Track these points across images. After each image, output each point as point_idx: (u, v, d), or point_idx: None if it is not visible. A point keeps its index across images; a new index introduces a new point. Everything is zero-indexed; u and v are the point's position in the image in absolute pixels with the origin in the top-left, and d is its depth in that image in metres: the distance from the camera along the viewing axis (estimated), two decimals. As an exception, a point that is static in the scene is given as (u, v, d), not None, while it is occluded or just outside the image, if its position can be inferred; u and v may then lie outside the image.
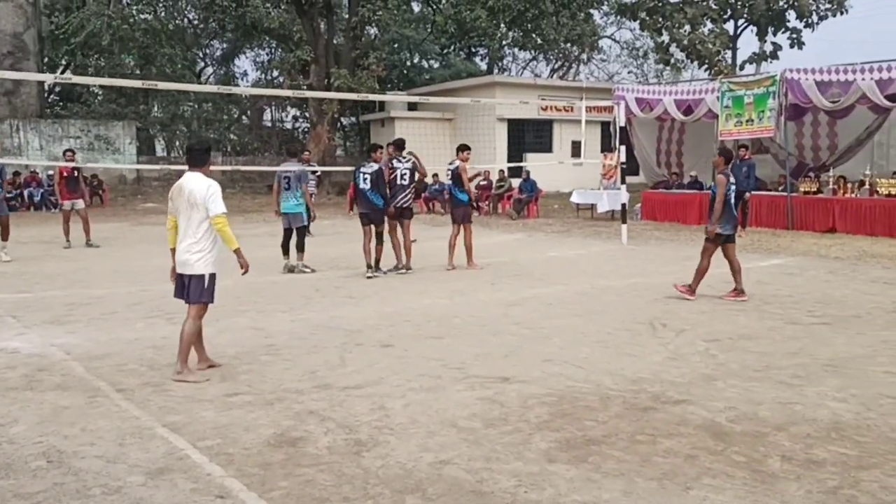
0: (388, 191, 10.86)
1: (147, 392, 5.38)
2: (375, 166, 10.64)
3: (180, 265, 5.79)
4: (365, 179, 10.61)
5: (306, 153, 11.84)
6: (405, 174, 11.07)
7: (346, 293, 9.48)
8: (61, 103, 34.64)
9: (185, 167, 5.92)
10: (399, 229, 11.10)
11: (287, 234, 11.47)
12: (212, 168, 6.02)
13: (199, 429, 4.62)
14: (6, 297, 9.11)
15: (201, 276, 5.75)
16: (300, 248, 11.29)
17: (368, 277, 10.47)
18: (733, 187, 8.90)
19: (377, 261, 10.73)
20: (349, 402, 5.13)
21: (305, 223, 11.51)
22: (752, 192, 15.75)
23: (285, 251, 11.41)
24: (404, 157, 11.22)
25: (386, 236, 10.89)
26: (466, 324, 7.64)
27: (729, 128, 16.94)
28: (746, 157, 15.81)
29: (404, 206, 11.07)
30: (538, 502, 3.61)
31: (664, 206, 18.89)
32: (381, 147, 11.10)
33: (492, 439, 4.44)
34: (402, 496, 3.68)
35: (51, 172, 24.56)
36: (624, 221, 15.05)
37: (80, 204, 14.56)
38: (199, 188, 5.71)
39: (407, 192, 11.10)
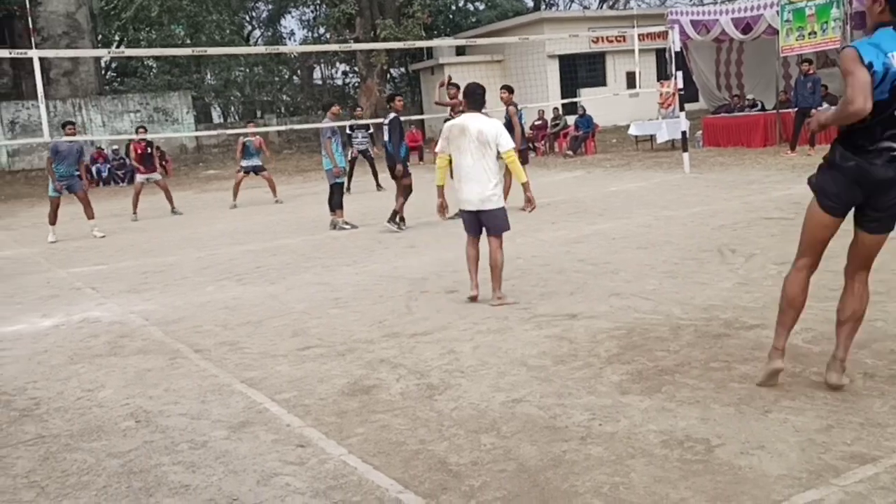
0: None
1: (223, 351, 5.54)
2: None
3: (477, 203, 6.13)
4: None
5: (358, 109, 11.72)
6: None
7: (407, 243, 9.53)
8: (118, 79, 35.35)
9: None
10: None
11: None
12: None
13: (275, 383, 4.74)
14: (84, 270, 9.46)
15: (501, 209, 6.18)
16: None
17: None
18: None
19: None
20: (419, 349, 5.19)
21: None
22: (819, 109, 15.10)
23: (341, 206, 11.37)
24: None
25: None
26: (530, 264, 7.61)
27: (790, 43, 16.19)
28: (811, 71, 15.14)
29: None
30: (613, 434, 3.61)
31: (727, 131, 18.28)
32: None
33: (562, 375, 4.43)
34: (476, 435, 3.72)
35: (115, 147, 25.26)
36: (685, 150, 14.65)
37: (157, 176, 15.08)
38: (487, 127, 6.07)
39: None
